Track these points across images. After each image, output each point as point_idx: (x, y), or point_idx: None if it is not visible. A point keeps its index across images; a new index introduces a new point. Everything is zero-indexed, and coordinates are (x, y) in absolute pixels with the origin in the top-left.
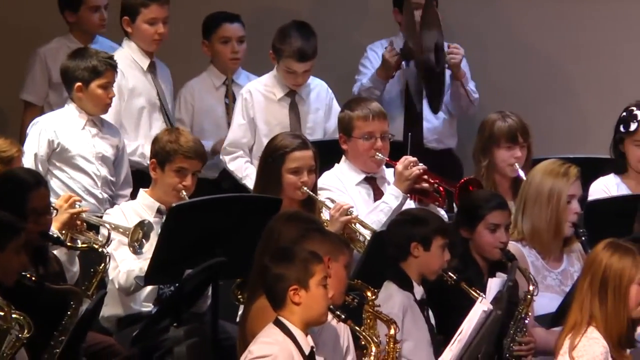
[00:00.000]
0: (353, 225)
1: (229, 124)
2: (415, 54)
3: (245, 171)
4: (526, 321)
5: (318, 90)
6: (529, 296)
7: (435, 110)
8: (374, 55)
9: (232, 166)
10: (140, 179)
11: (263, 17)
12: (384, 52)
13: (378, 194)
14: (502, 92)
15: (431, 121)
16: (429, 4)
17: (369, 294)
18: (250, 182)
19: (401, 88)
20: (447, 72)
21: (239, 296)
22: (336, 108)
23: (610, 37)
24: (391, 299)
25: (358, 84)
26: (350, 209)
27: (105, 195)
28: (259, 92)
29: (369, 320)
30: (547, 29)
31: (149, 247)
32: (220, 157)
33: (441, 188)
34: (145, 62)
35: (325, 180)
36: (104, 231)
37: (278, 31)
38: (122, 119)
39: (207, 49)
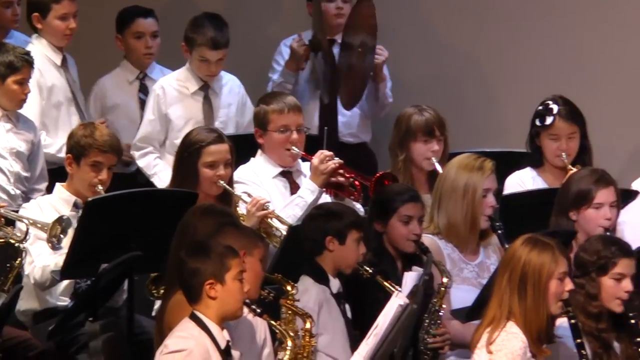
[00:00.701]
0: (269, 220)
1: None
2: (323, 45)
3: (154, 169)
4: (440, 313)
5: (230, 86)
6: (442, 288)
7: (345, 106)
8: (287, 51)
9: (141, 163)
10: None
11: (177, 12)
12: (291, 42)
13: (294, 188)
14: (418, 87)
15: (345, 115)
16: (361, 3)
17: (289, 288)
18: (158, 180)
19: (312, 80)
20: None
21: (153, 291)
22: (249, 103)
23: (526, 32)
24: (307, 292)
25: (270, 82)
26: (267, 204)
27: (18, 192)
28: (172, 87)
29: (287, 315)
30: (463, 24)
31: (66, 242)
32: (131, 152)
33: (357, 182)
34: (58, 58)
35: (241, 173)
36: (21, 226)
37: (190, 21)
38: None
39: (121, 43)
